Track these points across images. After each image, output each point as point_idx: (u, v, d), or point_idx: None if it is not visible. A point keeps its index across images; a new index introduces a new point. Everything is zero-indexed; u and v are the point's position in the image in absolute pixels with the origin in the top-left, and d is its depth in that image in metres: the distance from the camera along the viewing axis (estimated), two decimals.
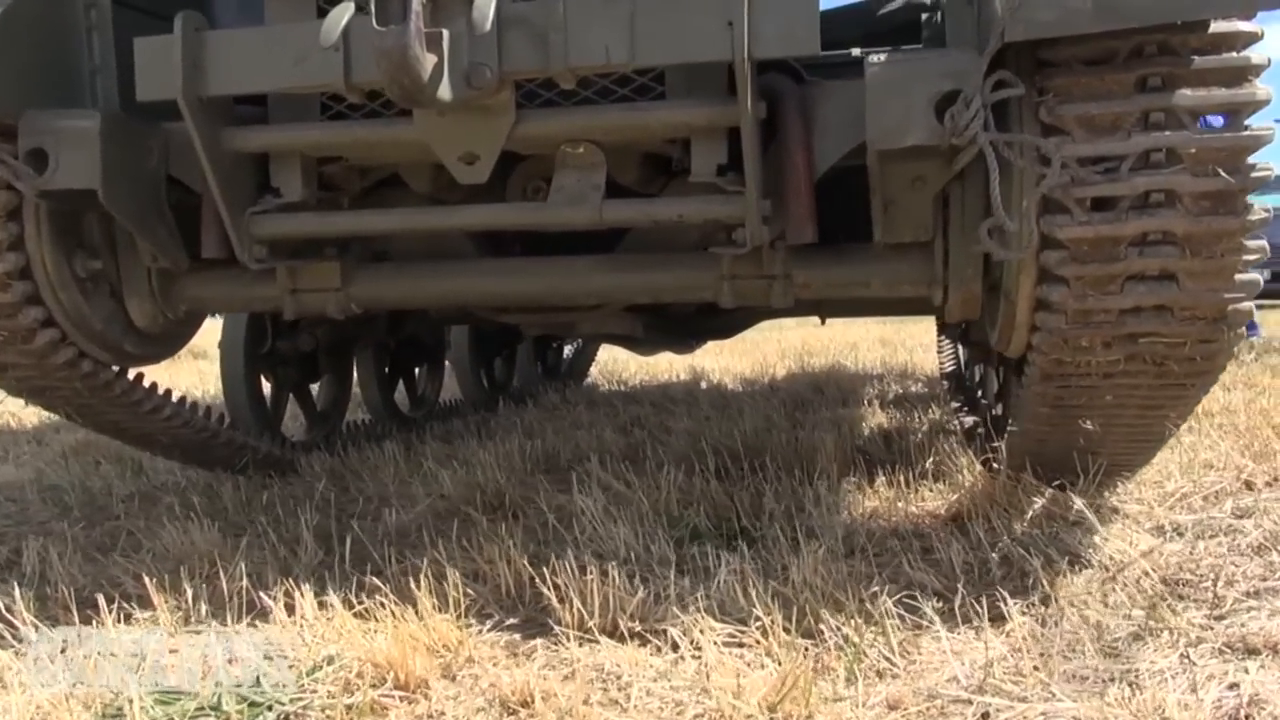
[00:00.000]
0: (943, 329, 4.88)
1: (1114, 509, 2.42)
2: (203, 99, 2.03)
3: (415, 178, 2.31)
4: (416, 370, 4.46)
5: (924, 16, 4.64)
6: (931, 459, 2.81)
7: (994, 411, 3.69)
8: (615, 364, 6.93)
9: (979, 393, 4.52)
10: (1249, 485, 2.62)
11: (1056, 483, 2.49)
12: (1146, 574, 1.91)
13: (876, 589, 1.84)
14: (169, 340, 2.64)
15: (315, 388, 3.74)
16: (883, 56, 1.80)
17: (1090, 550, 2.06)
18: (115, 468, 3.31)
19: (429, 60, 1.72)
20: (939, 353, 6.09)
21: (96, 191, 2.08)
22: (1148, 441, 2.30)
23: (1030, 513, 2.35)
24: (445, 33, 1.76)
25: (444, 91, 1.77)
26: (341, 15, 1.77)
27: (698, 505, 2.50)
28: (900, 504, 2.53)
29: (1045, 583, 1.88)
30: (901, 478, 2.71)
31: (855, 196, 2.08)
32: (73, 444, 3.86)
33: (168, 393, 2.78)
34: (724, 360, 6.88)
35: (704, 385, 6.16)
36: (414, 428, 4.19)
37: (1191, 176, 1.69)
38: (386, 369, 4.13)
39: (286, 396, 3.56)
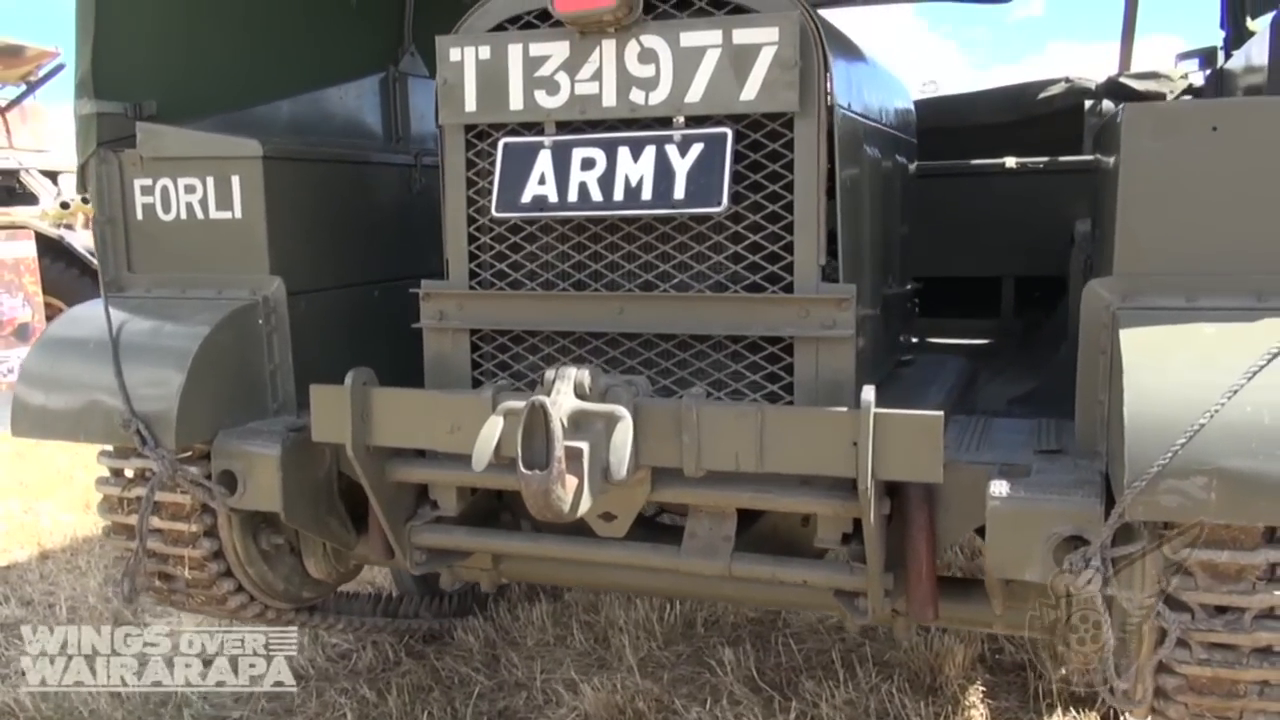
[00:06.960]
0: None
1: None
2: (369, 448, 2.24)
3: None
4: None
5: (1088, 104, 4.43)
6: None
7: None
8: None
9: None
10: None
11: None
12: None
13: None
14: (341, 581, 2.92)
15: None
16: (1006, 488, 1.82)
17: None
18: None
19: (570, 487, 1.86)
20: None
21: (279, 513, 2.34)
22: None
23: None
24: (585, 450, 1.89)
25: (584, 504, 1.92)
26: (491, 438, 1.93)
27: None
28: None
29: None
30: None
31: None
32: None
33: (341, 597, 3.09)
34: None
35: None
36: None
37: None
38: None
39: None
